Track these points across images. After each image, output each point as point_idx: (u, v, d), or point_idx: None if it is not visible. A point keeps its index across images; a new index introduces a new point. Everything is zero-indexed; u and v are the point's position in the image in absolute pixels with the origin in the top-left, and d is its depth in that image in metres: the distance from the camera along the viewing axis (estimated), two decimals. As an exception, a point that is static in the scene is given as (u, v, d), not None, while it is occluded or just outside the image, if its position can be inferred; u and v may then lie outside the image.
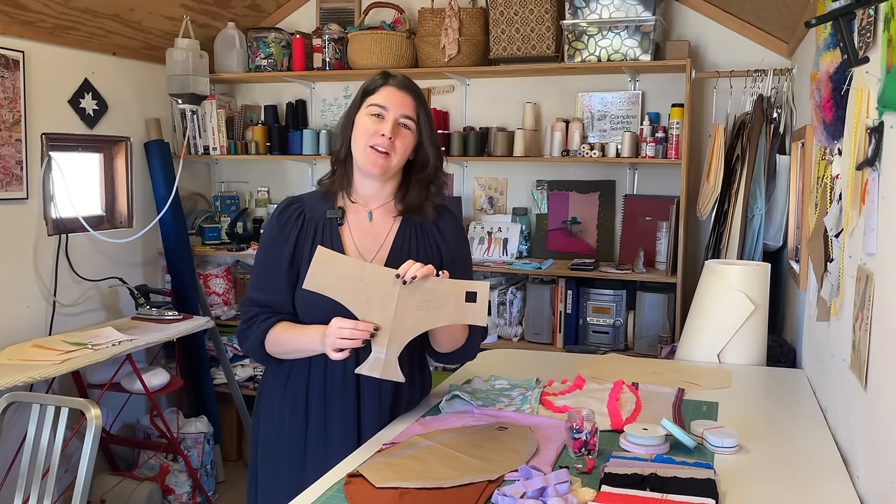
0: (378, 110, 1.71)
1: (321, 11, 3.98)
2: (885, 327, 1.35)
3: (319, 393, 1.74)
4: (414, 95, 1.75)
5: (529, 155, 3.51)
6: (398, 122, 1.71)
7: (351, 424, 1.73)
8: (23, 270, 3.16)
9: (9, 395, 2.31)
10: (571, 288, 3.43)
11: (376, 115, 1.71)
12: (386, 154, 1.71)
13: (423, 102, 1.77)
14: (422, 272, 1.60)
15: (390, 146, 1.70)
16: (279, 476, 1.78)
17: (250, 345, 1.76)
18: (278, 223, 1.78)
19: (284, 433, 1.77)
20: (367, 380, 1.72)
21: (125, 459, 3.64)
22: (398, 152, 1.72)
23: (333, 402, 1.74)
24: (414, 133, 1.74)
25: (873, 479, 1.40)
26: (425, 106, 1.78)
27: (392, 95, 1.72)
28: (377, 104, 1.72)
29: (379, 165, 1.71)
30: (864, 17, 1.53)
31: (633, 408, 1.84)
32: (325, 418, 1.74)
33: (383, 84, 1.74)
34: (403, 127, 1.72)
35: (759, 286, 2.38)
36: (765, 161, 2.99)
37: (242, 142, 3.97)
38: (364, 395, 1.74)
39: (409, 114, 1.73)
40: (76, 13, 3.13)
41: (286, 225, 1.77)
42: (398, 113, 1.71)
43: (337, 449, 1.68)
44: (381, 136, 1.69)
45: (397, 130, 1.71)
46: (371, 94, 1.74)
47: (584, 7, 3.28)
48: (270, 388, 1.81)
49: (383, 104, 1.71)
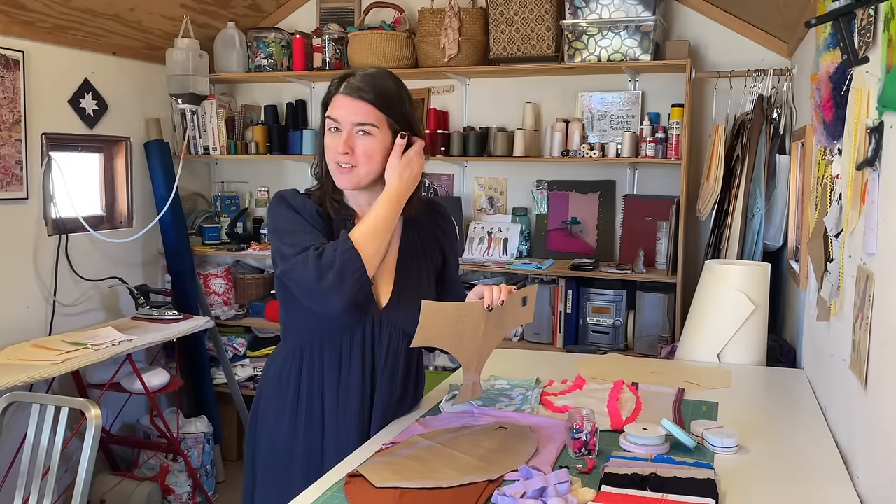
0: (332, 123, 1.62)
1: (321, 11, 3.98)
2: (885, 327, 1.35)
3: (333, 405, 1.71)
4: (370, 97, 1.60)
5: (529, 155, 3.51)
6: (354, 133, 1.61)
7: (365, 430, 1.71)
8: (23, 270, 3.16)
9: (9, 395, 2.31)
10: (571, 288, 3.43)
11: (334, 129, 1.62)
12: (350, 167, 1.62)
13: (384, 101, 1.62)
14: (504, 295, 1.62)
15: (351, 159, 1.61)
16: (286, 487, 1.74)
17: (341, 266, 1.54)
18: (304, 202, 1.68)
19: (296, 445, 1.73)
20: (381, 386, 1.72)
21: (125, 459, 3.64)
22: (362, 162, 1.62)
23: (349, 408, 1.71)
24: (379, 136, 1.62)
25: (873, 479, 1.40)
26: (391, 102, 1.63)
27: (343, 105, 1.61)
28: (331, 117, 1.62)
29: (346, 180, 1.64)
30: (864, 17, 1.53)
31: (633, 408, 1.84)
32: (338, 431, 1.71)
33: (335, 93, 1.62)
34: (362, 134, 1.61)
35: (759, 286, 2.38)
36: (765, 161, 2.99)
37: (242, 142, 3.97)
38: (377, 401, 1.73)
39: (364, 120, 1.60)
40: (76, 13, 3.13)
41: (305, 203, 1.68)
42: (351, 123, 1.60)
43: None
44: (338, 152, 1.62)
45: (354, 140, 1.61)
46: (328, 106, 1.64)
47: (584, 7, 3.28)
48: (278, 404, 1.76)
49: (335, 116, 1.61)
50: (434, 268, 1.83)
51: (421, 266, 1.79)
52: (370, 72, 1.66)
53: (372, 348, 1.71)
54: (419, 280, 1.77)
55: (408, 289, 1.74)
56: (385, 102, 1.62)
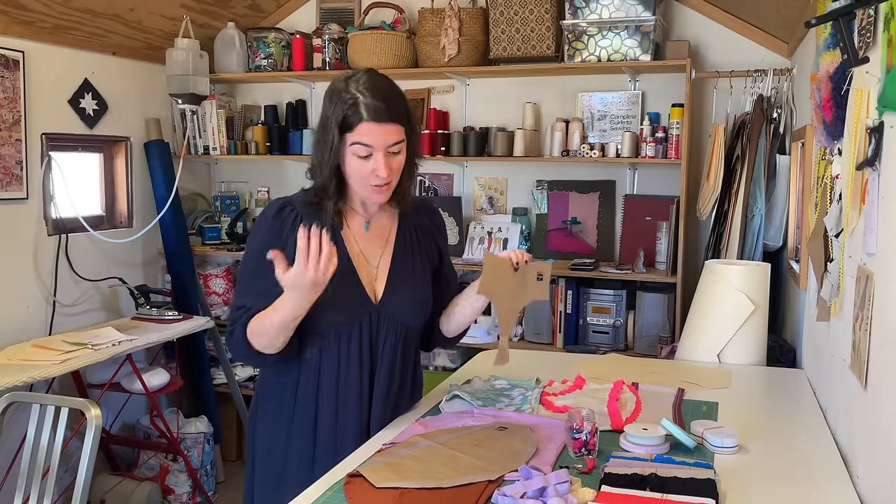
0: (363, 150, 1.61)
1: (321, 11, 3.98)
2: (885, 327, 1.35)
3: (331, 404, 1.71)
4: (395, 117, 1.61)
5: (529, 155, 3.51)
6: (388, 153, 1.62)
7: (363, 436, 1.71)
8: (23, 270, 3.16)
9: (9, 395, 2.31)
10: (571, 288, 3.43)
11: (364, 157, 1.61)
12: (387, 185, 1.66)
13: (404, 114, 1.65)
14: (527, 257, 1.76)
15: (388, 176, 1.64)
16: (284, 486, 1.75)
17: (235, 345, 1.67)
18: (273, 227, 1.69)
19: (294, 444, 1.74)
20: (379, 387, 1.73)
21: (125, 459, 3.64)
22: (396, 174, 1.67)
23: (346, 412, 1.71)
24: (404, 147, 1.67)
25: (873, 479, 1.40)
26: (406, 111, 1.66)
27: (373, 132, 1.59)
28: (361, 143, 1.60)
29: (383, 198, 1.70)
30: (864, 17, 1.53)
31: (633, 408, 1.84)
32: (335, 430, 1.71)
33: (360, 120, 1.59)
34: (393, 154, 1.64)
35: (759, 286, 2.38)
36: (765, 161, 2.99)
37: (242, 142, 3.97)
38: (375, 403, 1.73)
39: (396, 139, 1.63)
40: (76, 13, 3.13)
41: (283, 229, 1.68)
42: (385, 146, 1.61)
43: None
44: (377, 175, 1.63)
45: (390, 161, 1.63)
46: (350, 131, 1.60)
47: (584, 7, 3.28)
48: (275, 406, 1.77)
49: (368, 143, 1.60)
50: (430, 264, 1.86)
51: (415, 261, 1.82)
52: (376, 85, 1.62)
53: (370, 342, 1.73)
54: (413, 274, 1.80)
55: (403, 282, 1.77)
56: (405, 115, 1.65)
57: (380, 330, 1.73)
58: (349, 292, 1.70)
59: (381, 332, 1.73)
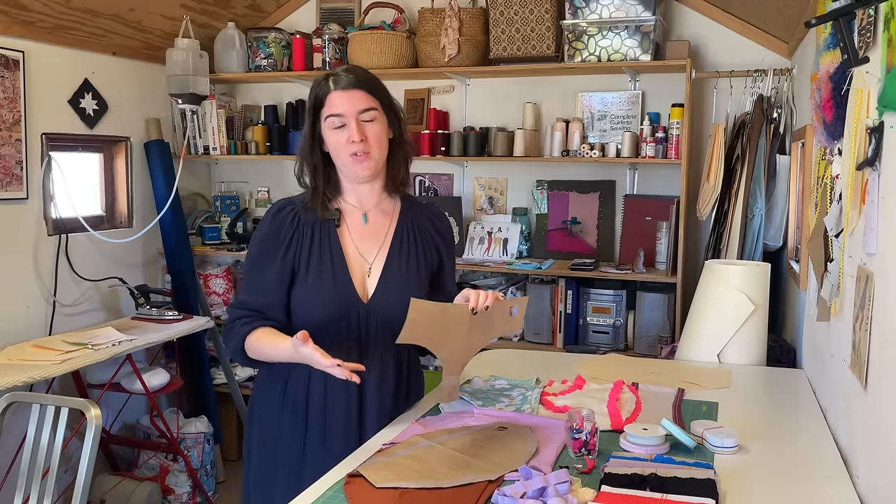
0: (336, 121, 1.69)
1: (321, 11, 3.98)
2: (885, 327, 1.35)
3: (320, 402, 1.73)
4: (363, 86, 1.70)
5: (529, 155, 3.51)
6: (360, 121, 1.69)
7: (353, 434, 1.72)
8: (23, 270, 3.16)
9: (9, 395, 2.31)
10: (571, 288, 3.43)
11: (339, 127, 1.69)
12: (366, 154, 1.70)
13: (374, 87, 1.72)
14: (491, 300, 1.64)
15: (366, 146, 1.69)
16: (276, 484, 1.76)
17: (231, 348, 1.75)
18: (272, 227, 1.75)
19: (283, 442, 1.75)
20: (370, 387, 1.73)
21: (125, 459, 3.64)
22: (375, 147, 1.71)
23: (335, 411, 1.73)
24: (381, 119, 1.72)
25: (873, 479, 1.40)
26: (378, 87, 1.73)
27: (342, 98, 1.68)
28: (333, 115, 1.69)
29: (365, 168, 1.72)
30: (864, 17, 1.53)
31: (633, 408, 1.84)
32: (325, 428, 1.73)
33: (327, 92, 1.70)
34: (367, 121, 1.70)
35: (759, 286, 2.38)
36: (765, 161, 2.99)
37: (242, 142, 3.97)
38: (367, 402, 1.74)
39: (366, 106, 1.69)
40: (76, 13, 3.13)
41: (281, 228, 1.74)
42: (356, 111, 1.68)
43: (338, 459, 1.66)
44: (352, 142, 1.68)
45: (363, 127, 1.69)
46: (323, 106, 1.70)
47: (584, 7, 3.28)
48: (268, 395, 1.79)
49: (338, 111, 1.68)
50: (428, 267, 1.85)
51: (411, 261, 1.81)
52: (348, 67, 1.75)
53: (359, 342, 1.73)
54: (407, 274, 1.79)
55: (395, 284, 1.76)
56: (375, 88, 1.72)
57: (369, 328, 1.74)
58: (339, 291, 1.72)
59: (371, 330, 1.74)
